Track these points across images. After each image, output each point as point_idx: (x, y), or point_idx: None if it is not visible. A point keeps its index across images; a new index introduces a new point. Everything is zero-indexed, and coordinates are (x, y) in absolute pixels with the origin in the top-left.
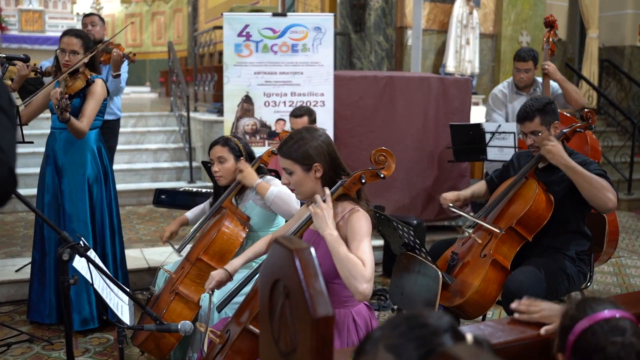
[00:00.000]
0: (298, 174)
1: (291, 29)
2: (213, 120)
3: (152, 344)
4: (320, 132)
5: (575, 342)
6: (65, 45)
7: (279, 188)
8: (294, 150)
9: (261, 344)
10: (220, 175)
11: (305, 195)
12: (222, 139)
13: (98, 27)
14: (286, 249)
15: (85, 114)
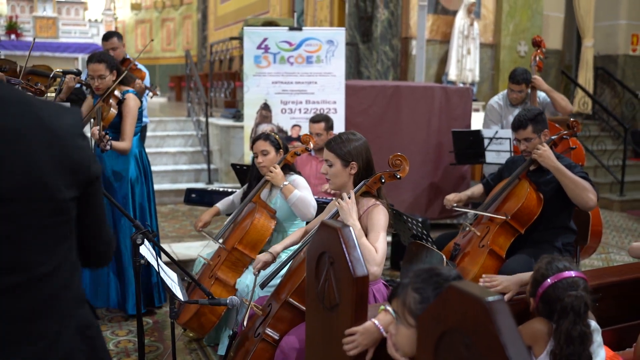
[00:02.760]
0: (337, 167)
1: (306, 42)
2: (230, 126)
3: (196, 322)
4: (362, 138)
5: (543, 293)
6: (92, 72)
7: (301, 192)
8: (339, 148)
9: (308, 303)
10: (264, 165)
11: (337, 186)
12: (263, 135)
13: (118, 49)
14: (332, 228)
15: (125, 133)
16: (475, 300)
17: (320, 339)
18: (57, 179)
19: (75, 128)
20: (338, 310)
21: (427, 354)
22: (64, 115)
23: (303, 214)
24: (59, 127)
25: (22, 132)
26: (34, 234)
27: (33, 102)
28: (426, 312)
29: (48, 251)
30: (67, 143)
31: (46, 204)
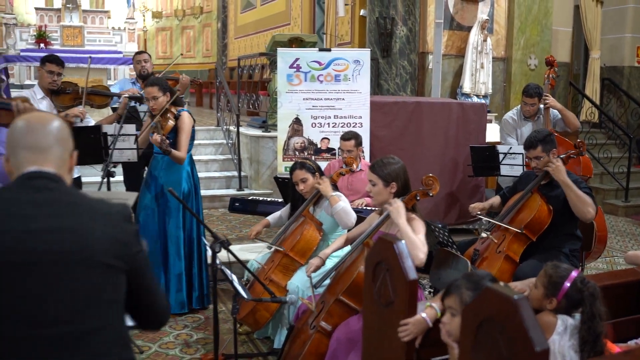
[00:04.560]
0: (379, 187)
1: (334, 62)
2: (259, 136)
3: (252, 317)
4: (400, 161)
5: (566, 293)
6: (147, 94)
7: (345, 203)
8: (381, 170)
9: (366, 301)
10: (305, 191)
11: (379, 202)
12: (299, 164)
13: (149, 63)
14: (388, 242)
15: (181, 145)
16: (505, 298)
17: (376, 329)
18: (100, 247)
19: (121, 213)
20: (393, 306)
21: (469, 338)
22: (116, 206)
23: (344, 222)
24: (108, 212)
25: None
26: (84, 290)
27: (87, 196)
28: (468, 306)
29: (97, 309)
30: (114, 222)
31: (92, 267)
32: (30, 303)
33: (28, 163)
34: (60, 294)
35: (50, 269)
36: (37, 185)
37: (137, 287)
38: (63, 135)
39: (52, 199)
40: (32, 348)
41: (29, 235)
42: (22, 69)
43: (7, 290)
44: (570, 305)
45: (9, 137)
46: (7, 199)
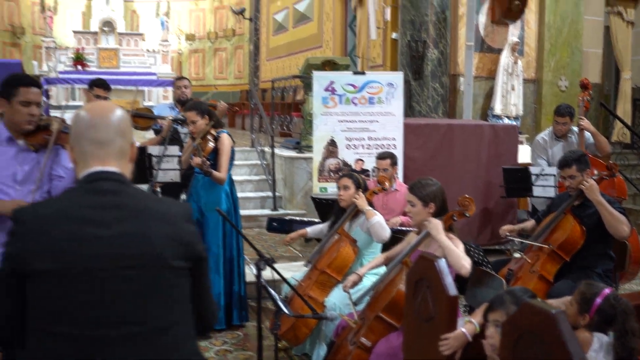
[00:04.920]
0: (418, 207)
1: (369, 85)
2: (294, 157)
3: (292, 333)
4: (437, 183)
5: (597, 309)
6: (187, 119)
7: (379, 218)
8: (419, 191)
9: (406, 316)
10: (343, 199)
11: (417, 222)
12: (348, 174)
13: (189, 89)
14: (429, 260)
15: (221, 166)
16: (544, 312)
17: (417, 343)
18: (167, 250)
19: (183, 215)
20: (434, 321)
21: (509, 350)
22: (175, 206)
23: (379, 235)
24: (171, 213)
25: (144, 217)
26: (153, 292)
27: (150, 197)
28: (507, 320)
29: (164, 309)
30: (177, 224)
31: (161, 270)
32: (103, 305)
33: (91, 158)
34: (131, 297)
35: (121, 274)
36: (103, 189)
37: (196, 286)
38: (124, 127)
39: (119, 203)
40: (107, 346)
41: (100, 242)
42: (61, 90)
43: (82, 294)
44: (603, 322)
45: (74, 125)
46: (77, 203)
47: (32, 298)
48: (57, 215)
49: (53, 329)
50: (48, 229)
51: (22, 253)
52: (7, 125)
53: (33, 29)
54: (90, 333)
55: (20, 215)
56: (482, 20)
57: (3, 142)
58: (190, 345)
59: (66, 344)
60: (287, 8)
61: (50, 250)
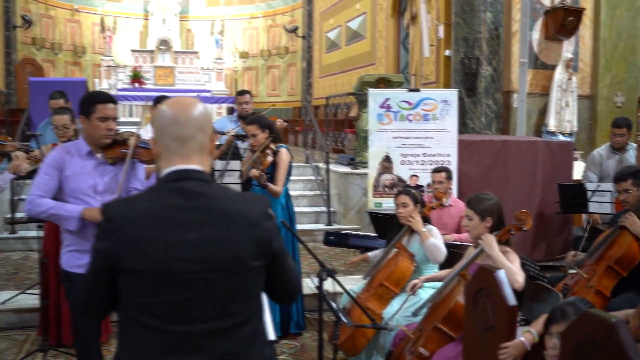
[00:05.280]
0: (475, 221)
1: (423, 102)
2: (348, 172)
3: (350, 343)
4: (494, 198)
5: None
6: (247, 132)
7: (435, 240)
8: (477, 205)
9: (466, 325)
10: (403, 215)
11: (475, 236)
12: (405, 190)
13: (249, 104)
14: (489, 271)
15: (278, 179)
16: (604, 320)
17: (477, 352)
18: (247, 254)
19: (262, 214)
20: (493, 330)
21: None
22: (255, 204)
23: (434, 257)
24: (252, 214)
25: (226, 220)
26: (233, 292)
27: (232, 195)
28: (567, 328)
29: (244, 305)
30: (256, 225)
31: (241, 272)
32: (187, 304)
33: (174, 154)
34: (213, 296)
35: (204, 276)
36: (188, 190)
37: (277, 271)
38: (204, 122)
39: (202, 206)
40: (191, 340)
41: (186, 246)
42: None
43: (168, 293)
44: None
45: (157, 119)
46: (164, 205)
47: (123, 290)
48: (145, 216)
49: (142, 320)
50: (137, 230)
51: (113, 251)
52: (86, 140)
53: (93, 48)
54: (175, 328)
55: (109, 213)
56: (535, 37)
57: (83, 156)
58: (264, 334)
59: (154, 335)
60: (339, 26)
61: (139, 252)
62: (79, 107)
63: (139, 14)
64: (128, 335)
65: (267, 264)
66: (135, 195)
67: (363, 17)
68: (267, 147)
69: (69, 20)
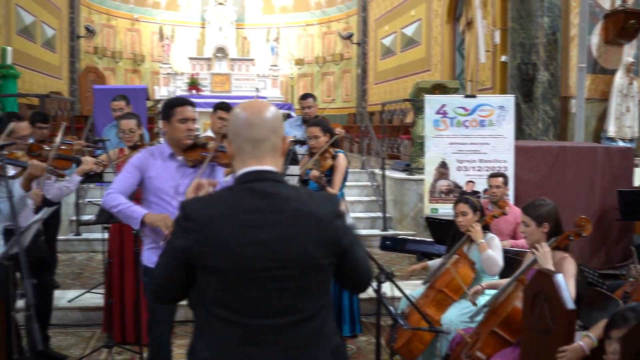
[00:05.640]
0: (532, 227)
1: (480, 108)
2: (404, 179)
3: (406, 348)
4: (551, 203)
5: None
6: (310, 133)
7: (492, 253)
8: (533, 211)
9: (524, 328)
10: (463, 224)
11: (532, 242)
12: (464, 198)
13: (312, 108)
14: (547, 275)
15: (335, 183)
16: None
17: (534, 355)
18: (317, 252)
19: (332, 213)
20: (551, 334)
21: None
22: (325, 204)
23: (490, 269)
24: (321, 213)
25: (298, 221)
26: (303, 289)
27: (303, 196)
28: (627, 333)
29: (314, 299)
30: (326, 225)
31: (311, 270)
32: (261, 300)
33: (248, 156)
34: (286, 293)
35: (278, 273)
36: (262, 191)
37: (348, 265)
38: (276, 124)
39: (275, 206)
40: (263, 333)
41: (261, 245)
42: None
43: (244, 289)
44: None
45: (232, 122)
46: (239, 205)
47: (201, 284)
48: (222, 216)
49: (218, 313)
50: (214, 229)
51: (191, 248)
52: (169, 143)
53: (152, 57)
54: (248, 321)
55: (189, 212)
56: (594, 41)
57: (166, 159)
58: (331, 326)
59: (228, 327)
60: (394, 32)
61: (217, 250)
62: (161, 113)
63: (196, 22)
64: (204, 327)
65: (337, 261)
66: (212, 194)
67: (418, 24)
68: (326, 151)
69: (129, 30)
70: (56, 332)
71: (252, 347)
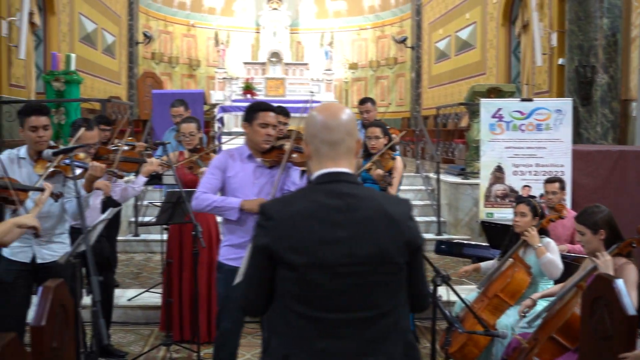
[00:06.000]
0: (588, 235)
1: (536, 112)
2: (459, 183)
3: (461, 353)
4: (605, 209)
5: None
6: (370, 134)
7: (551, 256)
8: (587, 219)
9: (583, 334)
10: (519, 225)
11: (590, 250)
12: (526, 200)
13: (371, 112)
14: (607, 280)
15: (394, 185)
16: None
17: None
18: (393, 250)
19: (406, 214)
20: (611, 340)
21: None
22: (399, 205)
23: (550, 273)
24: (396, 214)
25: (374, 219)
26: (379, 285)
27: (378, 196)
28: None
29: (389, 296)
30: (401, 225)
31: (387, 266)
32: (339, 295)
33: (325, 158)
34: (362, 289)
35: (355, 270)
36: (340, 191)
37: (412, 272)
38: (351, 127)
39: (352, 206)
40: (339, 327)
41: (339, 243)
42: (230, 117)
43: (322, 285)
44: None
45: (309, 124)
46: (318, 204)
47: (279, 280)
48: (301, 214)
49: (296, 308)
50: (294, 227)
51: (272, 246)
52: (248, 145)
53: (207, 61)
54: (326, 315)
55: (268, 211)
56: None
57: (245, 159)
58: (405, 323)
59: (306, 322)
60: (449, 36)
61: (297, 247)
62: (243, 115)
63: (251, 27)
64: (280, 322)
65: (409, 261)
66: (290, 195)
67: (473, 27)
68: (385, 152)
69: (185, 35)
70: (116, 329)
71: (330, 341)
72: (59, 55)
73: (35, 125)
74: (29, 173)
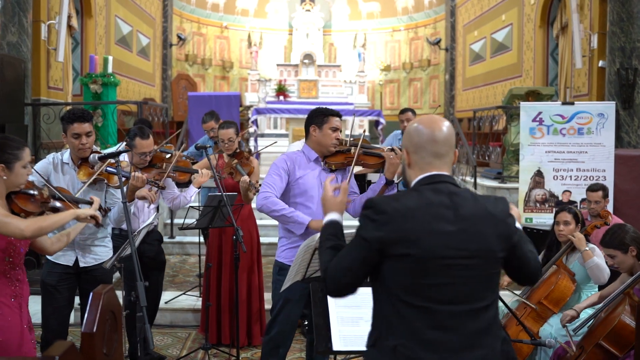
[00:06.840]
0: (619, 257)
1: (578, 115)
2: (495, 187)
3: None
4: (627, 225)
5: None
6: None
7: (598, 260)
8: (613, 242)
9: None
10: (564, 233)
11: (625, 269)
12: (568, 207)
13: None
14: None
15: None
16: None
17: None
18: (496, 246)
19: (505, 212)
20: None
21: None
22: (498, 204)
23: (597, 277)
24: (497, 212)
25: (478, 217)
26: (483, 278)
27: (477, 196)
28: None
29: (491, 289)
30: (501, 223)
31: (490, 261)
32: (449, 287)
33: (429, 166)
34: (469, 281)
35: (463, 262)
36: (444, 190)
37: (517, 259)
38: (453, 140)
39: (457, 203)
40: (449, 319)
41: (448, 236)
42: (263, 119)
43: (433, 276)
44: None
45: (414, 136)
46: (427, 201)
47: (389, 272)
48: (412, 210)
49: (406, 299)
50: (407, 220)
51: (385, 238)
52: (314, 148)
53: (240, 63)
54: (436, 307)
55: (380, 205)
56: None
57: (311, 162)
58: (499, 320)
59: (416, 312)
60: (484, 38)
61: (410, 239)
62: (309, 118)
63: (283, 29)
64: (388, 313)
65: (507, 255)
66: (396, 194)
67: (509, 29)
68: None
69: (218, 37)
70: (154, 332)
71: (438, 332)
72: (96, 58)
73: (78, 133)
74: (72, 179)
